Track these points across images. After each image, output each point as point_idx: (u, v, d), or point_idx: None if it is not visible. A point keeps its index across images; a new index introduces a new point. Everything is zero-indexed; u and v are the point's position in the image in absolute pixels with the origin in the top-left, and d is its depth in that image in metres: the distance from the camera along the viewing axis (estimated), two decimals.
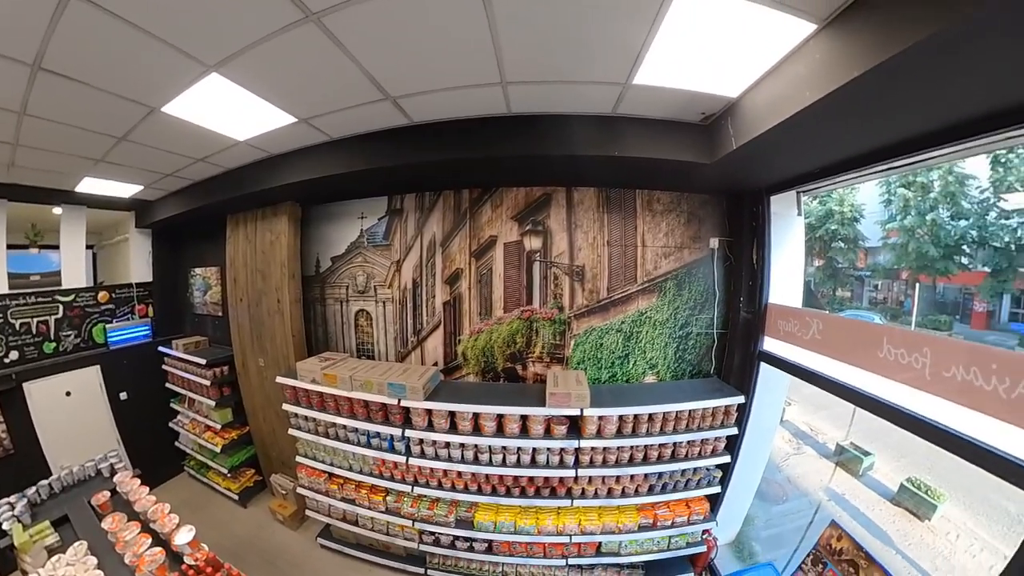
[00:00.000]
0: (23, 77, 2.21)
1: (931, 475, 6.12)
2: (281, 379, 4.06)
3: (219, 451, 5.03)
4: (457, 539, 3.88)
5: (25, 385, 4.47)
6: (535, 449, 3.52)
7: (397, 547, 4.13)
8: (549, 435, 3.48)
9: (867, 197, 17.87)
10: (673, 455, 3.58)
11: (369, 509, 3.99)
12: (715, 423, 3.57)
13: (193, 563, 2.60)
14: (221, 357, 5.09)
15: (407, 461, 3.70)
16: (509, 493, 3.69)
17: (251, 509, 5.10)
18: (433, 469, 3.74)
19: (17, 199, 4.46)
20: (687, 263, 3.89)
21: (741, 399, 3.55)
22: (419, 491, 3.82)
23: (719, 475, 3.76)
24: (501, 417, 3.50)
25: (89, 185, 4.41)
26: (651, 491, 3.68)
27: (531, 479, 3.64)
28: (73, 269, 5.25)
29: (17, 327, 4.60)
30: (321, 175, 3.49)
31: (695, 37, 1.93)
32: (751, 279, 3.69)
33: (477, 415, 3.51)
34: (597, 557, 3.80)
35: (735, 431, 3.58)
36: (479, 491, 3.73)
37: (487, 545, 3.86)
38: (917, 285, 16.71)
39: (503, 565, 3.97)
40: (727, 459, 3.64)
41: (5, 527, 2.84)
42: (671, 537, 3.77)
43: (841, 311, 18.25)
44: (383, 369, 3.88)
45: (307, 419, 4.06)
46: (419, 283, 4.31)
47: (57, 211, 5.01)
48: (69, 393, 4.84)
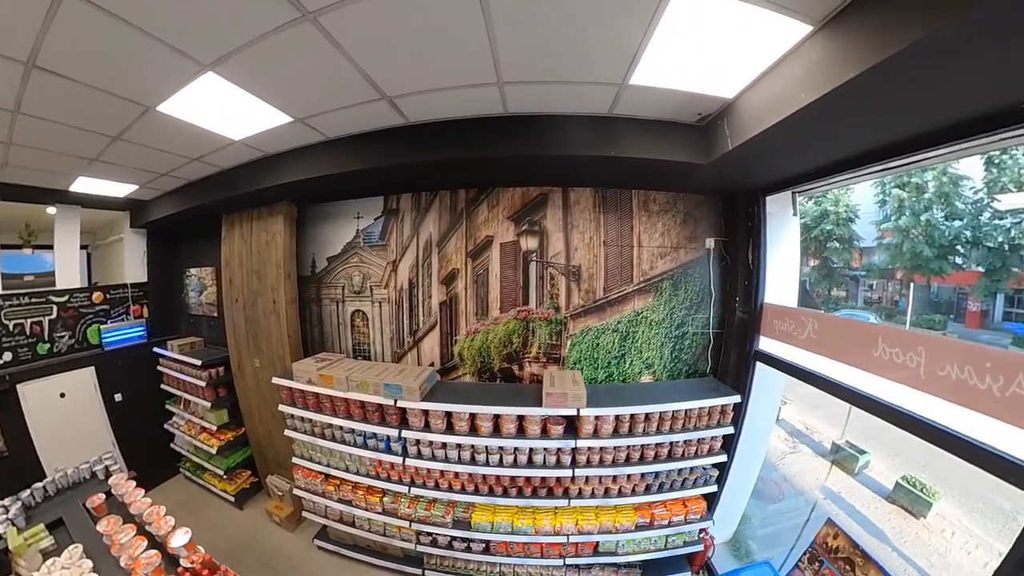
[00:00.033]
0: (17, 75, 2.20)
1: (926, 473, 6.15)
2: (277, 380, 4.05)
3: (215, 453, 5.01)
4: (454, 540, 3.88)
5: (19, 387, 4.43)
6: (532, 449, 3.53)
7: (394, 548, 4.12)
8: (546, 435, 3.48)
9: (862, 198, 17.99)
10: (670, 455, 3.59)
11: (366, 510, 3.98)
12: (711, 422, 3.58)
13: (189, 566, 2.58)
14: (217, 358, 5.07)
15: (404, 462, 3.69)
16: (506, 493, 3.69)
17: (247, 511, 5.08)
18: (430, 470, 3.73)
19: (10, 199, 4.42)
20: (683, 263, 3.90)
21: (737, 398, 3.56)
22: (416, 492, 3.81)
23: (715, 474, 3.77)
24: (498, 417, 3.49)
25: (83, 184, 4.38)
26: (648, 491, 3.68)
27: (528, 479, 3.64)
28: (67, 269, 5.21)
29: (11, 328, 4.56)
30: (317, 175, 3.48)
31: (691, 38, 1.94)
32: (747, 279, 3.70)
33: (474, 415, 3.51)
34: (594, 557, 3.80)
35: (731, 430, 3.60)
36: (476, 491, 3.72)
37: (484, 545, 3.86)
38: (912, 285, 16.80)
39: (500, 565, 3.97)
40: (723, 458, 3.66)
41: None
42: (668, 536, 3.78)
43: (836, 311, 18.33)
44: (379, 370, 3.87)
45: (303, 420, 4.05)
46: (415, 283, 4.30)
47: (51, 211, 4.97)
48: (63, 395, 4.80)
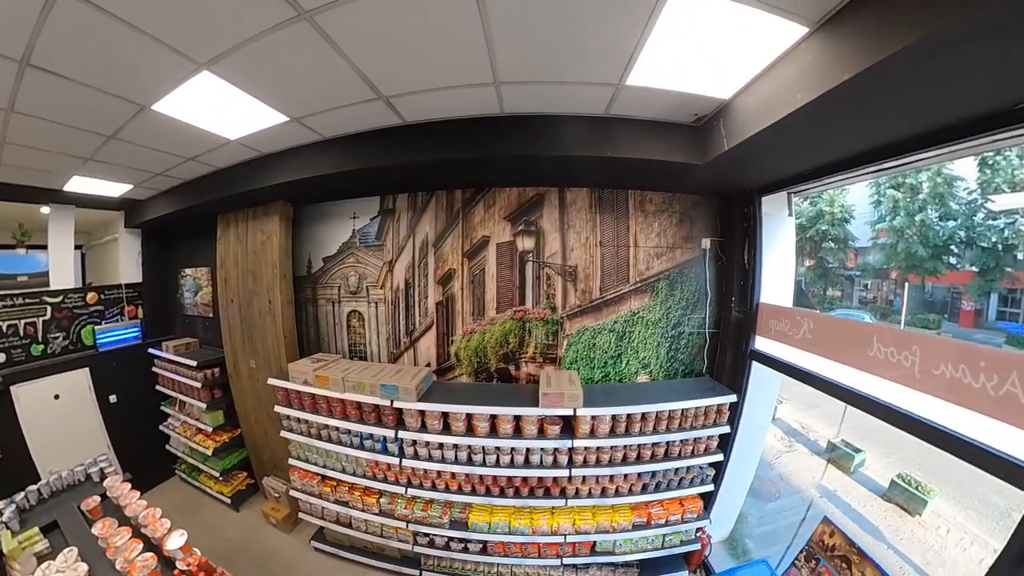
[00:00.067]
0: (11, 74, 2.18)
1: (921, 471, 6.19)
2: (273, 381, 4.03)
3: (210, 454, 4.98)
4: (452, 540, 3.87)
5: (13, 388, 4.40)
6: (529, 449, 3.53)
7: (391, 549, 4.11)
8: (542, 435, 3.48)
9: (857, 198, 18.09)
10: (666, 454, 3.60)
11: (363, 511, 3.97)
12: (708, 422, 3.59)
13: (185, 568, 2.57)
14: (212, 359, 5.05)
15: (400, 462, 3.68)
16: (503, 494, 3.68)
17: (243, 512, 5.06)
18: (427, 470, 3.73)
19: (4, 198, 4.38)
20: (679, 263, 3.91)
21: (733, 398, 3.57)
22: (413, 492, 3.80)
23: (712, 473, 3.78)
24: (494, 418, 3.49)
25: (78, 184, 4.35)
26: (645, 490, 3.69)
27: (525, 479, 3.64)
28: (61, 270, 5.17)
29: (4, 329, 4.52)
30: (313, 175, 3.47)
31: (688, 39, 1.95)
32: (743, 279, 3.72)
33: (470, 416, 3.51)
34: (592, 556, 3.80)
35: (727, 430, 3.61)
36: (473, 492, 3.72)
37: (482, 546, 3.85)
38: (906, 284, 16.90)
39: (498, 566, 3.96)
40: (720, 457, 3.67)
41: None
42: (665, 535, 3.79)
43: (831, 310, 18.44)
44: (376, 370, 3.86)
45: (299, 421, 4.03)
46: (411, 284, 4.29)
47: (45, 210, 4.93)
48: (58, 396, 4.77)
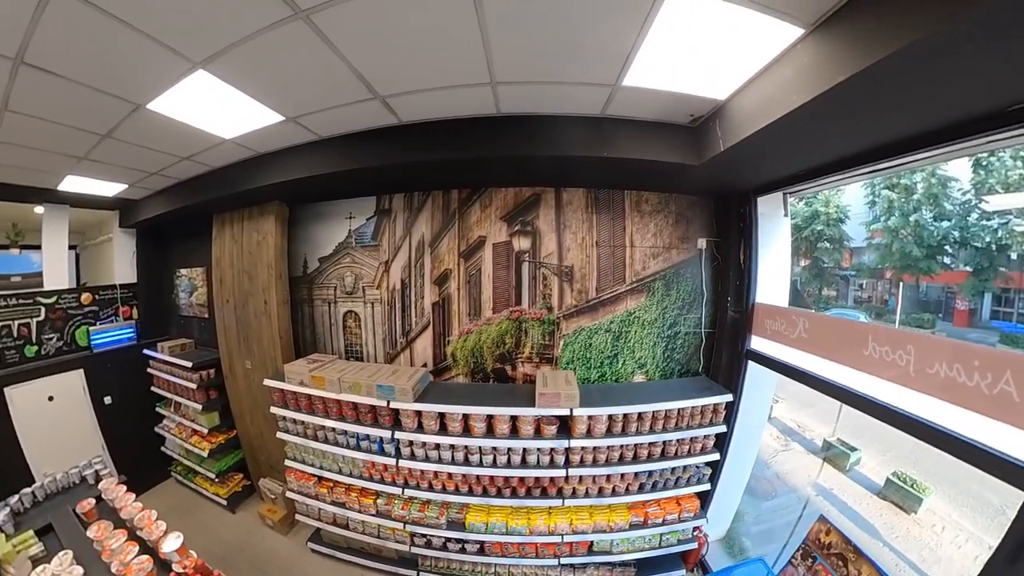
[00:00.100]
0: (4, 72, 2.16)
1: (916, 469, 6.22)
2: (269, 382, 4.01)
3: (206, 456, 4.96)
4: (449, 541, 3.87)
5: (6, 390, 4.36)
6: (525, 449, 3.52)
7: (389, 550, 4.10)
8: (539, 435, 3.48)
9: (852, 199, 18.19)
10: (663, 453, 3.60)
11: (360, 512, 3.96)
12: (704, 421, 3.60)
13: (181, 571, 2.55)
14: (207, 360, 5.02)
15: (397, 463, 3.68)
16: (500, 494, 3.68)
17: (240, 514, 5.03)
18: (424, 471, 3.72)
19: None
20: (675, 263, 3.92)
21: (729, 397, 3.58)
22: (410, 493, 3.80)
23: (709, 472, 3.80)
24: (491, 418, 3.49)
25: (72, 183, 4.32)
26: (641, 489, 3.70)
27: (522, 479, 3.64)
28: (55, 270, 5.14)
29: None
30: (309, 175, 3.45)
31: (684, 40, 1.95)
32: (738, 279, 3.73)
33: (467, 416, 3.51)
34: (589, 556, 3.80)
35: (724, 429, 3.62)
36: (470, 492, 3.72)
37: (479, 546, 3.85)
38: (901, 284, 17.00)
39: (495, 566, 3.96)
40: (716, 456, 3.67)
41: None
42: (662, 535, 3.80)
43: (827, 310, 18.51)
44: (372, 371, 3.85)
45: (295, 422, 4.02)
46: (408, 284, 4.29)
47: (39, 210, 4.90)
48: (52, 398, 4.73)
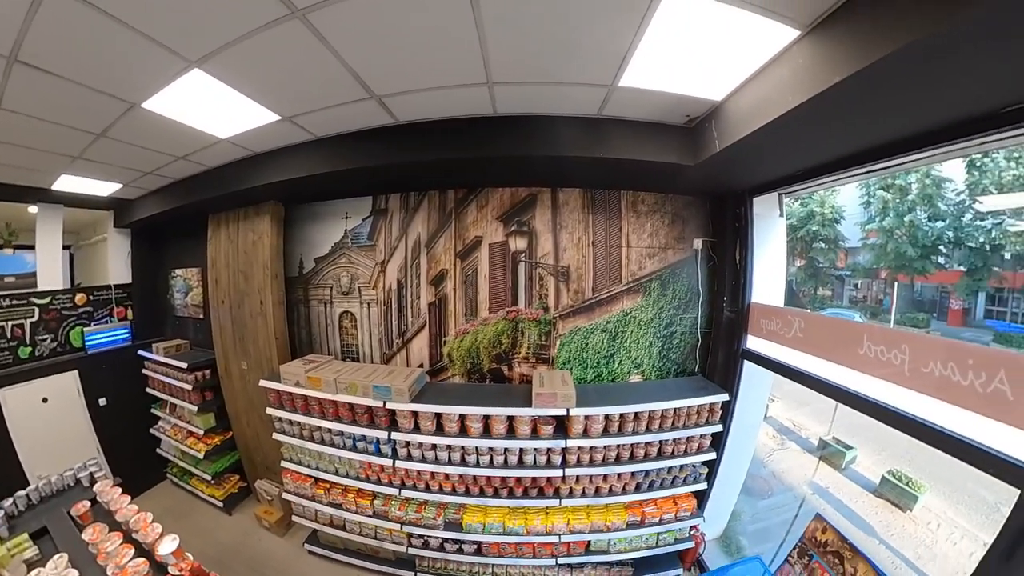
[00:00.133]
0: None
1: (911, 467, 6.27)
2: (264, 383, 4.00)
3: (202, 457, 4.94)
4: (446, 541, 3.86)
5: (0, 392, 4.33)
6: (522, 450, 3.52)
7: (386, 551, 4.09)
8: (536, 435, 3.48)
9: (847, 199, 18.31)
10: (659, 453, 3.61)
11: (356, 513, 3.95)
12: (700, 421, 3.60)
13: (178, 573, 2.53)
14: (203, 360, 4.99)
15: (394, 464, 3.67)
16: (497, 494, 3.68)
17: (236, 516, 5.01)
18: (420, 472, 3.72)
19: None
20: (671, 263, 3.92)
21: (725, 397, 3.59)
22: (407, 494, 3.79)
23: (705, 472, 3.81)
24: (488, 418, 3.49)
25: (66, 183, 4.29)
26: (638, 489, 3.70)
27: (519, 480, 3.64)
28: (49, 270, 5.09)
29: None
30: (305, 174, 3.44)
31: (681, 41, 1.95)
32: (734, 279, 3.74)
33: (464, 416, 3.50)
34: (586, 556, 3.80)
35: (720, 428, 3.62)
36: (467, 493, 3.71)
37: (476, 547, 3.85)
38: (896, 284, 17.09)
39: (493, 566, 3.96)
40: (712, 456, 3.68)
41: None
42: (659, 534, 3.81)
43: (822, 310, 18.59)
44: (368, 371, 3.85)
45: (291, 423, 4.00)
46: (404, 284, 4.28)
47: (33, 210, 4.86)
48: (46, 400, 4.70)
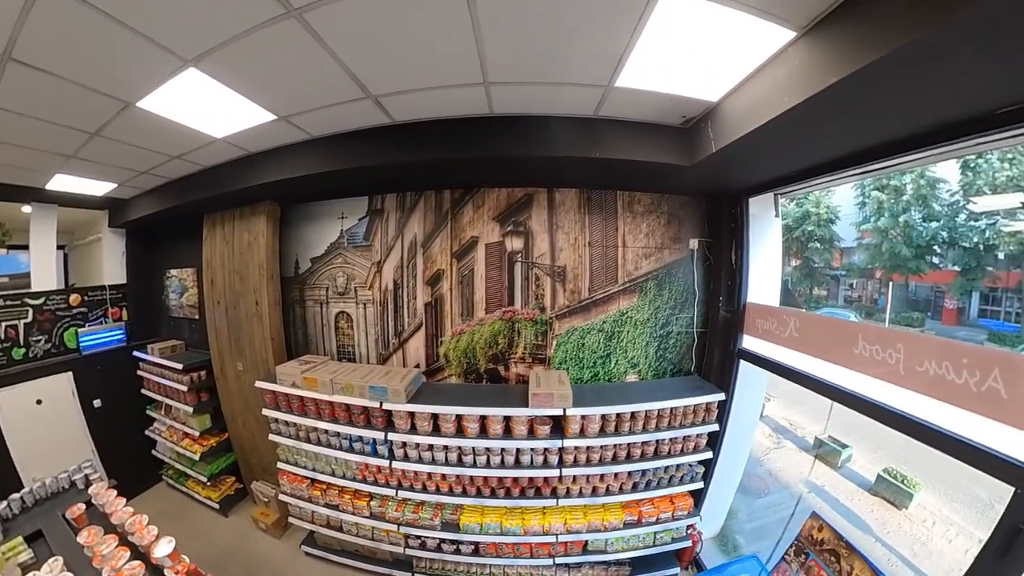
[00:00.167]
0: None
1: (907, 465, 6.29)
2: (260, 383, 3.98)
3: (198, 459, 4.91)
4: (443, 542, 3.86)
5: None
6: (519, 450, 3.52)
7: (383, 552, 4.08)
8: (532, 435, 3.48)
9: (842, 199, 18.37)
10: (656, 452, 3.61)
11: (353, 514, 3.94)
12: (696, 420, 3.61)
13: None
14: (198, 361, 4.97)
15: (390, 465, 3.66)
16: (494, 494, 3.68)
17: (232, 518, 4.99)
18: (417, 472, 3.71)
19: None
20: (667, 263, 3.93)
21: (721, 396, 3.60)
22: (403, 495, 3.78)
23: (702, 471, 3.82)
24: (484, 418, 3.48)
25: (60, 182, 4.26)
26: (635, 488, 3.70)
27: (516, 480, 3.63)
28: (43, 271, 5.06)
29: None
30: (301, 174, 3.43)
31: (677, 42, 1.96)
32: (730, 279, 3.75)
33: (460, 417, 3.50)
34: (584, 555, 3.81)
35: (716, 427, 3.64)
36: (464, 493, 3.71)
37: (474, 547, 3.84)
38: (890, 284, 17.20)
39: (490, 567, 3.95)
40: (709, 455, 3.69)
41: None
42: (656, 533, 3.81)
43: (817, 309, 18.67)
44: (364, 372, 3.84)
45: (288, 424, 3.98)
46: (400, 284, 4.27)
47: (26, 210, 4.83)
48: (40, 401, 4.66)
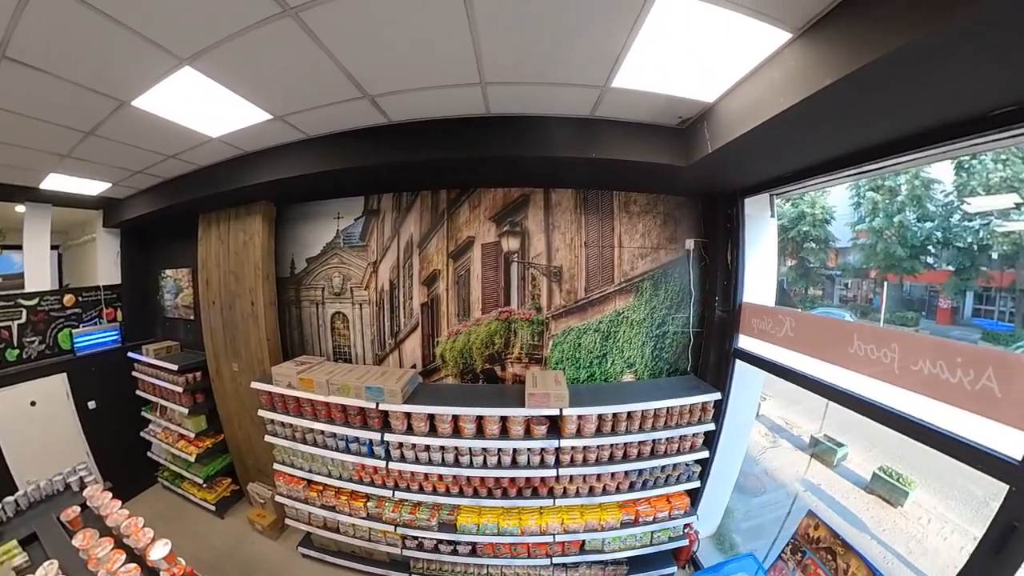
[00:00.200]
0: None
1: (902, 463, 6.33)
2: (256, 384, 3.97)
3: (193, 460, 4.89)
4: (440, 543, 3.85)
5: None
6: (516, 450, 3.52)
7: (380, 553, 4.08)
8: (529, 435, 3.48)
9: (837, 200, 18.50)
10: (652, 452, 3.62)
11: (350, 515, 3.93)
12: (693, 420, 3.62)
13: None
14: (194, 362, 4.93)
15: (387, 465, 3.65)
16: (491, 495, 3.68)
17: (229, 520, 4.97)
18: (414, 473, 3.71)
19: None
20: (663, 263, 3.94)
21: (717, 396, 3.61)
22: (400, 495, 3.77)
23: (698, 470, 3.82)
24: (481, 419, 3.48)
25: (54, 182, 4.23)
26: (632, 488, 3.71)
27: (512, 480, 3.63)
28: (37, 271, 5.02)
29: None
30: (297, 174, 3.42)
31: (673, 42, 1.96)
32: (726, 279, 3.77)
33: (457, 417, 3.50)
34: (581, 555, 3.81)
35: (712, 427, 3.65)
36: (461, 493, 3.71)
37: (471, 547, 3.84)
38: (885, 283, 17.29)
39: (488, 567, 3.95)
40: (705, 454, 3.70)
41: None
42: (653, 532, 3.82)
43: (813, 309, 18.73)
44: (360, 372, 3.83)
45: (284, 425, 3.97)
46: (396, 285, 4.27)
47: (20, 209, 4.79)
48: (34, 403, 4.63)
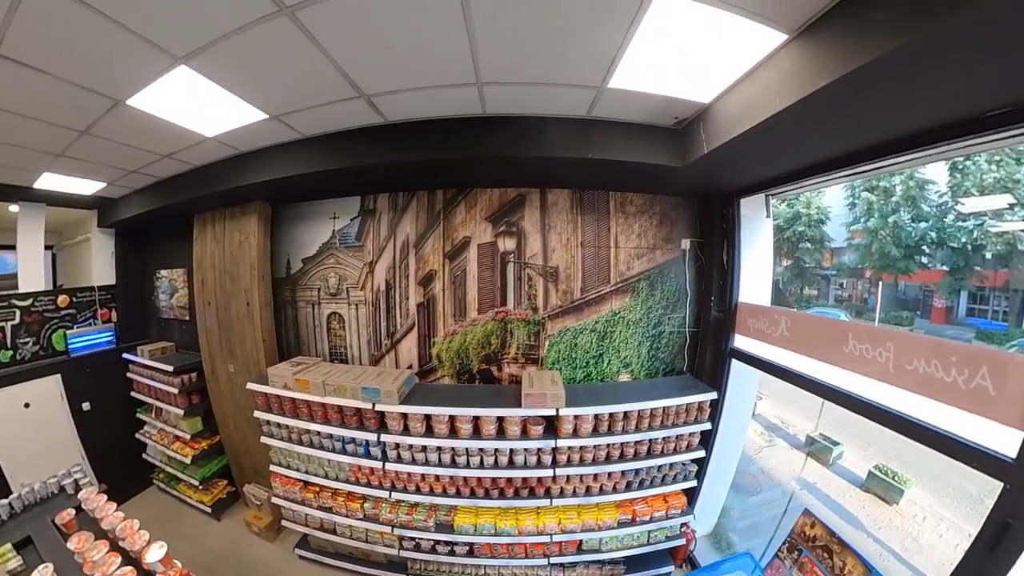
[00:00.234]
0: None
1: (897, 462, 6.35)
2: (252, 385, 3.95)
3: (189, 462, 4.85)
4: (438, 543, 3.85)
5: None
6: (512, 450, 3.52)
7: (377, 554, 4.06)
8: (526, 436, 3.48)
9: (833, 200, 18.58)
10: (649, 452, 3.63)
11: (347, 517, 3.91)
12: (689, 419, 3.63)
13: None
14: (189, 363, 4.91)
15: (383, 466, 3.64)
16: (488, 495, 3.67)
17: (225, 522, 4.94)
18: (411, 474, 3.70)
19: None
20: (659, 264, 3.95)
21: (714, 395, 3.62)
22: (397, 496, 3.77)
23: (695, 469, 3.83)
24: (477, 419, 3.48)
25: (48, 181, 4.20)
26: (629, 488, 3.72)
27: (509, 480, 3.63)
28: (31, 271, 4.98)
29: None
30: (293, 174, 3.41)
31: (669, 43, 1.97)
32: (721, 279, 3.78)
33: (453, 418, 3.49)
34: (578, 555, 3.81)
35: (709, 426, 3.66)
36: (458, 494, 3.70)
37: (468, 548, 3.84)
38: (880, 283, 17.37)
39: (485, 567, 3.95)
40: (702, 454, 3.71)
41: None
42: (650, 532, 3.82)
43: (808, 309, 18.80)
44: (356, 373, 3.82)
45: (280, 426, 3.96)
46: (392, 285, 4.26)
47: (13, 209, 4.75)
48: (28, 405, 4.59)
